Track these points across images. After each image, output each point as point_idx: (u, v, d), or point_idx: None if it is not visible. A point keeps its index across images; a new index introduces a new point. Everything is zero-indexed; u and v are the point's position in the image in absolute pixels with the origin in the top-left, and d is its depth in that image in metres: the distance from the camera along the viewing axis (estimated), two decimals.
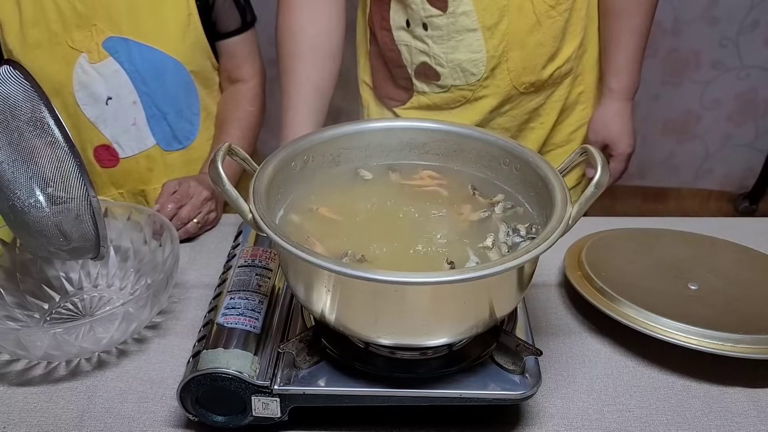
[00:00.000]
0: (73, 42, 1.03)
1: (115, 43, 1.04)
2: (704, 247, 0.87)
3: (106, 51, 1.04)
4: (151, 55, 1.06)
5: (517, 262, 0.54)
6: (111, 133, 1.10)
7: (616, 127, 1.14)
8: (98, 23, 1.03)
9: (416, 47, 1.06)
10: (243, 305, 0.67)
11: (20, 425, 0.65)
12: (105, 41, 1.04)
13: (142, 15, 1.05)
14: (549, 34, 1.05)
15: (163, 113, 1.11)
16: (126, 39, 1.05)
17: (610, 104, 1.14)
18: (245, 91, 1.17)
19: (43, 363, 0.72)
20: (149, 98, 1.09)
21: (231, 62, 1.15)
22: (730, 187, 2.48)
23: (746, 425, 0.65)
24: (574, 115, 1.17)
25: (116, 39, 1.04)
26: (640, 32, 1.09)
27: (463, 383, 0.62)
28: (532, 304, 0.81)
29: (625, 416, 0.66)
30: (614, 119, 1.14)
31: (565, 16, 1.06)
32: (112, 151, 1.11)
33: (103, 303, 0.80)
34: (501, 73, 1.06)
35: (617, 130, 1.14)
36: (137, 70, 1.06)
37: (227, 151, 0.64)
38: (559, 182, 0.64)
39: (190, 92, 1.13)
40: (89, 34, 1.03)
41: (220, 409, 0.62)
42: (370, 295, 0.57)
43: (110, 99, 1.07)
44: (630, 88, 1.14)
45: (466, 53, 1.04)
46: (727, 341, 0.68)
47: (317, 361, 0.64)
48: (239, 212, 0.60)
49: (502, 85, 1.07)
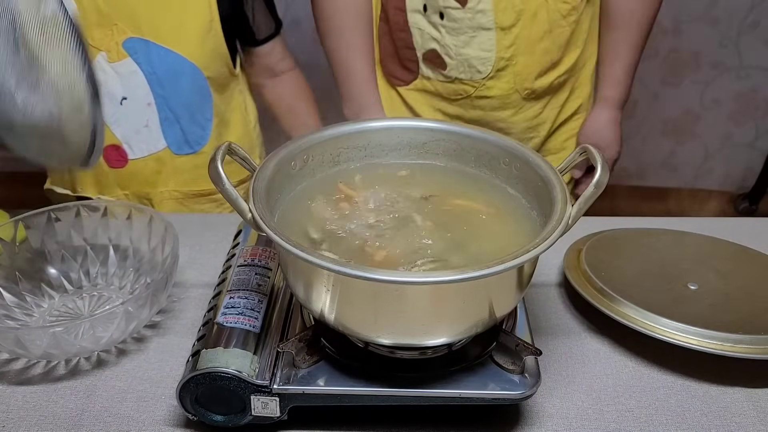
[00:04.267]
0: (92, 40, 1.03)
1: (135, 44, 1.04)
2: (704, 247, 0.87)
3: (125, 51, 1.04)
4: (169, 58, 1.06)
5: (516, 261, 0.54)
6: (122, 134, 1.10)
7: (608, 135, 1.17)
8: (120, 23, 1.03)
9: (429, 33, 1.06)
10: (242, 304, 0.67)
11: (19, 424, 0.65)
12: (125, 41, 1.04)
13: (163, 18, 1.04)
14: (556, 42, 1.07)
15: (176, 116, 1.11)
16: (146, 40, 1.04)
17: (603, 112, 1.16)
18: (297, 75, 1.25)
19: (42, 362, 0.72)
20: (164, 101, 1.09)
21: (273, 58, 1.20)
22: (730, 187, 2.48)
23: (746, 425, 0.65)
24: (569, 124, 1.19)
25: (136, 40, 1.04)
26: (636, 46, 1.12)
27: (462, 383, 0.62)
28: (531, 304, 0.81)
29: (624, 416, 0.66)
30: (607, 127, 1.16)
31: (572, 26, 1.07)
32: (122, 151, 1.11)
33: (103, 302, 0.80)
34: (506, 75, 1.07)
35: (608, 137, 1.17)
36: (155, 72, 1.06)
37: (227, 151, 0.64)
38: (559, 182, 0.64)
39: (205, 97, 1.13)
40: (110, 33, 1.03)
41: (220, 408, 0.62)
42: (369, 294, 0.57)
43: (125, 99, 1.07)
44: (623, 98, 1.17)
45: (477, 50, 1.05)
46: (727, 341, 0.68)
47: (317, 360, 0.63)
48: (239, 212, 0.60)
49: (505, 88, 1.08)
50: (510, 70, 1.07)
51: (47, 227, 0.81)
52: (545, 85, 1.11)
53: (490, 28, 1.03)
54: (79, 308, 0.79)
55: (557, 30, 1.06)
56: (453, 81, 1.09)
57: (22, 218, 0.79)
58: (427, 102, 1.16)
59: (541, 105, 1.14)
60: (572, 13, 1.06)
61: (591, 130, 1.18)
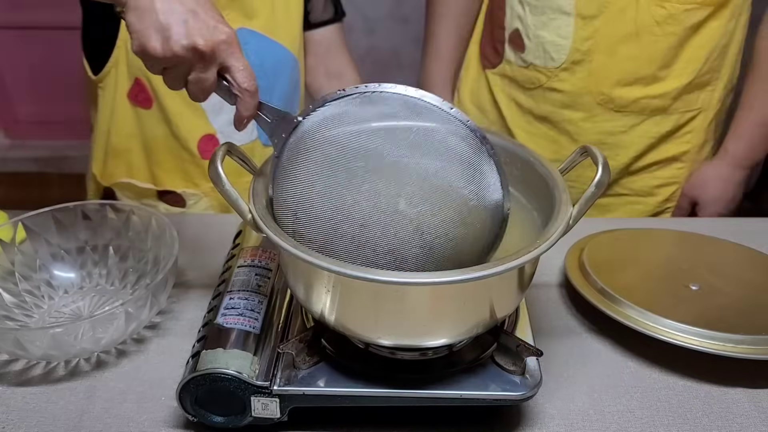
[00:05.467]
0: None
1: (245, 35, 1.01)
2: (704, 247, 0.87)
3: None
4: (276, 50, 1.05)
5: (517, 262, 0.54)
6: (219, 124, 1.06)
7: (713, 191, 1.08)
8: (231, 13, 1.00)
9: (517, 11, 1.04)
10: (242, 305, 0.67)
11: (19, 425, 0.64)
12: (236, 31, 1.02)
13: (274, 9, 1.03)
14: (645, 51, 0.99)
15: None
16: (255, 32, 1.02)
17: (717, 165, 1.08)
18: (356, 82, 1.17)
19: (42, 363, 0.72)
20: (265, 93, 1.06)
21: (327, 53, 1.15)
22: None
23: (747, 426, 0.65)
24: (667, 171, 1.10)
25: (246, 31, 1.02)
26: None
27: (463, 384, 0.61)
28: (532, 305, 0.81)
29: (625, 417, 0.66)
30: (715, 181, 1.08)
31: (670, 40, 0.98)
32: (216, 141, 1.07)
33: (103, 303, 0.80)
34: (581, 71, 1.02)
35: (713, 194, 1.08)
36: (262, 63, 1.03)
37: (227, 151, 0.64)
38: (560, 182, 0.64)
39: (297, 90, 1.12)
40: None
41: (220, 409, 0.62)
42: (370, 295, 0.56)
43: None
44: (747, 156, 1.06)
45: (553, 35, 1.01)
46: (728, 341, 0.68)
47: (317, 361, 0.63)
48: (239, 213, 0.60)
49: (579, 85, 1.03)
50: (585, 66, 1.01)
51: (47, 228, 0.81)
52: (628, 98, 1.02)
53: (570, 13, 0.98)
54: (79, 309, 0.79)
55: (647, 37, 0.97)
56: (528, 66, 1.05)
57: (21, 219, 0.79)
58: (505, 89, 1.13)
59: (622, 123, 1.04)
60: (669, 23, 0.96)
61: (697, 180, 1.08)
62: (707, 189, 1.08)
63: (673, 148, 1.08)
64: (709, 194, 1.08)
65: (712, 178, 1.08)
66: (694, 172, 1.10)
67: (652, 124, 1.05)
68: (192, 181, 1.09)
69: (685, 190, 1.11)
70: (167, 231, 0.77)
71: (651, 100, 1.02)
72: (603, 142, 1.06)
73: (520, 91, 1.10)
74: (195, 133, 1.05)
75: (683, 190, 1.11)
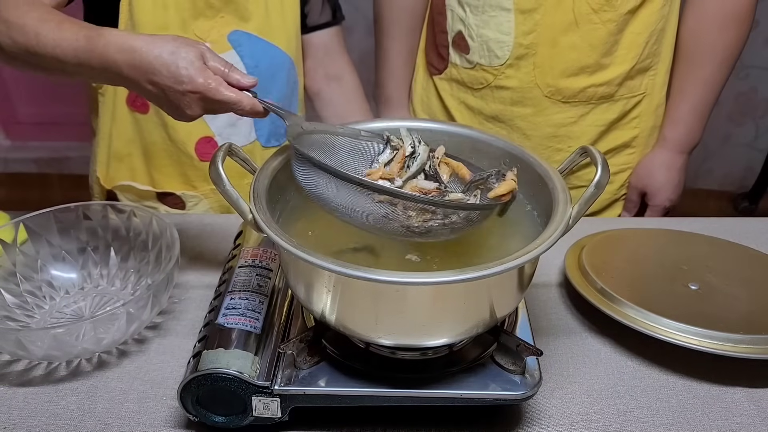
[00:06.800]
0: (197, 30, 1.01)
1: (239, 37, 1.02)
2: (704, 247, 0.87)
3: (229, 43, 1.02)
4: (271, 52, 1.05)
5: (517, 262, 0.54)
6: (217, 126, 1.06)
7: (660, 178, 1.09)
8: (226, 15, 1.01)
9: (458, 14, 1.05)
10: (243, 305, 0.67)
11: (20, 425, 0.65)
12: (230, 34, 1.02)
13: (268, 11, 1.03)
14: (586, 40, 1.00)
15: None
16: (249, 34, 1.03)
17: (659, 153, 1.10)
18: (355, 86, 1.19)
19: (43, 363, 0.72)
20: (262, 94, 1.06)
21: (326, 56, 1.15)
22: (729, 187, 2.48)
23: (747, 425, 0.65)
24: (620, 157, 1.12)
25: (240, 33, 1.02)
26: (708, 84, 1.04)
27: (463, 383, 0.62)
28: (532, 304, 0.81)
29: (625, 416, 0.66)
30: (659, 169, 1.09)
31: (609, 27, 0.99)
32: (214, 144, 1.07)
33: (104, 303, 0.80)
34: (526, 66, 1.03)
35: (659, 181, 1.09)
36: (257, 65, 1.04)
37: (227, 152, 0.64)
38: (560, 182, 0.64)
39: (295, 91, 1.12)
40: (215, 25, 1.01)
41: (221, 409, 0.62)
42: (370, 295, 0.57)
43: None
44: (685, 140, 1.09)
45: (495, 32, 1.02)
46: (728, 341, 0.68)
47: (317, 361, 0.64)
48: (240, 213, 0.60)
49: (525, 80, 1.04)
50: (530, 60, 1.02)
51: (48, 228, 0.81)
52: (575, 88, 1.03)
53: (509, 9, 0.99)
54: (81, 309, 0.79)
55: (587, 26, 0.99)
56: (474, 67, 1.06)
57: (23, 220, 0.79)
58: (453, 93, 1.14)
59: (572, 114, 1.06)
60: (606, 10, 0.98)
61: (644, 170, 1.11)
62: (653, 177, 1.10)
63: (623, 135, 1.10)
64: (656, 182, 1.10)
65: (657, 166, 1.10)
66: (641, 160, 1.12)
67: (600, 112, 1.07)
68: (191, 184, 1.10)
69: (633, 182, 1.12)
70: (168, 231, 0.77)
71: (597, 88, 1.04)
72: (554, 134, 1.08)
73: (468, 92, 1.11)
74: (192, 136, 1.05)
75: (630, 183, 1.13)
